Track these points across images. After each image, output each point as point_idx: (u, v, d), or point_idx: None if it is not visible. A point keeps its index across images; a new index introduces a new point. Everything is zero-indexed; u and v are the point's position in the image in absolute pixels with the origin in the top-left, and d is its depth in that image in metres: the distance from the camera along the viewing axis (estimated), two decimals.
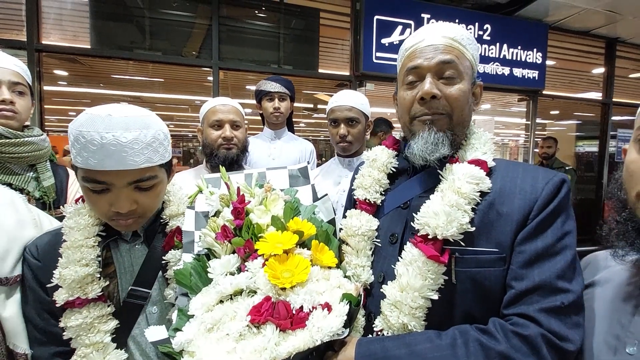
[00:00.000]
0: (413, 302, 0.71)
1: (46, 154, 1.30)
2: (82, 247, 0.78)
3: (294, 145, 2.13)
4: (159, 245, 0.86)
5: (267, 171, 0.91)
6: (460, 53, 0.78)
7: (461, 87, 0.76)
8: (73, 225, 0.80)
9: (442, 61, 0.76)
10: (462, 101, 0.77)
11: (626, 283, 0.68)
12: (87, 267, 0.76)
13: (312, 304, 0.62)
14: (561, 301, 0.63)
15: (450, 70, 0.76)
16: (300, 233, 0.71)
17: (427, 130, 0.78)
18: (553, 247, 0.67)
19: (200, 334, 0.62)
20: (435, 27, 0.80)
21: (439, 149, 0.77)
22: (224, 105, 1.50)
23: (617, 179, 0.67)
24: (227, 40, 3.66)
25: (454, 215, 0.70)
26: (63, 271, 0.75)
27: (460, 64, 0.77)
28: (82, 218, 0.81)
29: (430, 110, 0.77)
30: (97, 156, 0.68)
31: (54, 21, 3.18)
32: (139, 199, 0.75)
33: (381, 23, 3.76)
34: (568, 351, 0.61)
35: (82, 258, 0.76)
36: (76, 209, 0.84)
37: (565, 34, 4.79)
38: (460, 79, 0.77)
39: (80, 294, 0.75)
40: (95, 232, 0.81)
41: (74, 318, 0.74)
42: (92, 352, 0.75)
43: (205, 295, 0.68)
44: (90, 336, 0.75)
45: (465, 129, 0.82)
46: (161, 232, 0.88)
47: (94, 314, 0.76)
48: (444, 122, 0.78)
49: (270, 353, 0.55)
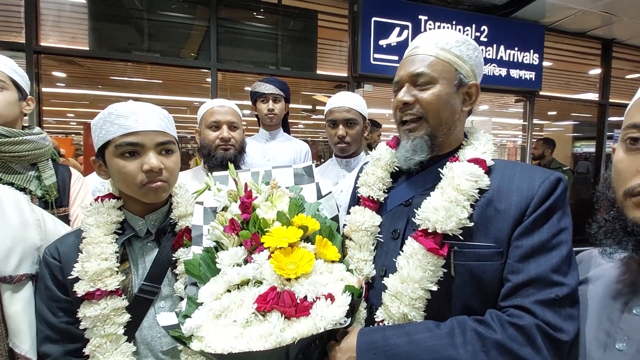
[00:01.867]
0: (413, 293, 0.73)
1: (47, 153, 1.30)
2: (102, 243, 0.83)
3: (289, 145, 2.13)
4: (169, 244, 0.92)
5: (273, 169, 0.94)
6: (438, 60, 0.81)
7: (434, 92, 0.81)
8: (93, 222, 0.86)
9: (414, 72, 0.82)
10: (437, 104, 0.81)
11: (615, 281, 0.70)
12: (107, 261, 0.82)
13: (316, 294, 0.64)
14: (556, 294, 0.65)
15: (423, 78, 0.81)
16: (305, 228, 0.73)
17: (407, 138, 0.85)
18: (549, 242, 0.69)
19: (209, 320, 0.65)
20: (430, 35, 0.85)
21: (416, 156, 0.84)
22: (222, 106, 1.51)
23: (605, 178, 0.69)
24: (226, 41, 3.68)
25: (453, 210, 0.73)
26: (85, 264, 0.80)
27: (434, 71, 0.81)
28: (102, 216, 0.87)
29: (405, 114, 0.84)
30: (130, 120, 0.82)
31: (52, 23, 3.19)
32: (164, 162, 0.86)
33: (379, 25, 3.79)
34: (562, 341, 0.63)
35: (102, 252, 0.82)
36: (95, 207, 0.88)
37: (562, 35, 4.84)
38: (434, 84, 0.81)
39: (101, 285, 0.80)
40: (113, 230, 0.87)
41: (93, 309, 0.79)
42: (106, 342, 0.80)
43: (214, 284, 0.71)
44: (106, 327, 0.80)
45: (450, 129, 0.84)
46: (171, 232, 0.94)
47: (111, 306, 0.81)
48: (422, 127, 0.83)
49: (276, 338, 0.57)
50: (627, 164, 0.61)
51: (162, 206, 0.95)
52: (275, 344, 0.57)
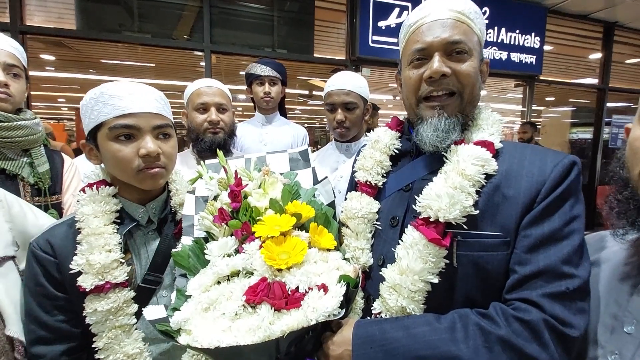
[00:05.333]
0: (412, 285, 0.70)
1: (40, 139, 1.27)
2: (104, 234, 0.79)
3: (286, 130, 2.06)
4: (170, 232, 0.90)
5: (267, 155, 0.90)
6: (468, 28, 0.74)
7: (472, 64, 0.74)
8: (90, 212, 0.80)
9: (450, 40, 0.72)
10: (474, 78, 0.74)
11: (624, 263, 0.68)
12: (112, 252, 0.79)
13: (309, 285, 0.62)
14: (566, 286, 0.61)
15: (460, 47, 0.73)
16: (299, 215, 0.70)
17: (437, 116, 0.75)
18: (560, 231, 0.64)
19: (197, 313, 0.63)
20: (451, 1, 0.76)
21: (450, 136, 0.74)
22: (209, 87, 1.44)
23: (619, 157, 0.66)
24: (219, 23, 3.57)
25: (457, 197, 0.68)
26: (90, 257, 0.76)
27: (470, 40, 0.74)
28: (99, 205, 0.82)
29: (440, 88, 0.74)
30: (125, 101, 0.78)
31: (37, 1, 3.06)
32: (161, 146, 0.82)
33: (378, 5, 3.69)
34: (571, 337, 0.59)
35: (105, 244, 0.78)
36: (90, 195, 0.83)
37: (564, 18, 4.75)
38: (469, 55, 0.74)
39: (110, 278, 0.77)
40: (112, 219, 0.83)
41: (104, 302, 0.77)
42: (120, 333, 0.79)
43: (203, 276, 0.68)
44: (120, 319, 0.79)
45: (475, 108, 0.79)
46: (172, 221, 0.92)
47: (122, 298, 0.79)
48: (455, 105, 0.75)
49: (264, 331, 0.56)
50: None
51: (159, 194, 0.92)
52: (264, 337, 0.55)
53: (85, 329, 0.79)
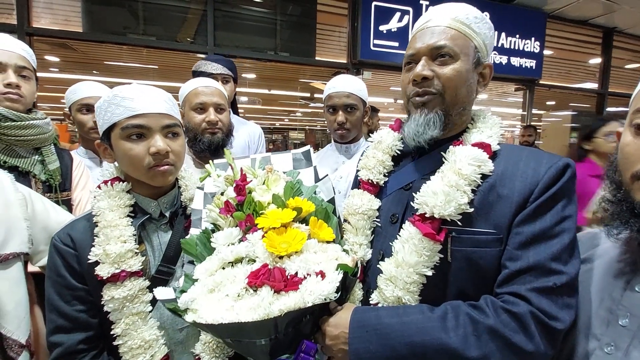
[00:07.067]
0: (408, 277, 0.73)
1: (50, 138, 1.32)
2: (119, 226, 0.84)
3: (242, 129, 1.94)
4: (181, 226, 0.95)
5: (272, 155, 0.95)
6: (458, 33, 0.78)
7: (455, 67, 0.77)
8: (106, 206, 0.85)
9: (434, 45, 0.77)
10: (456, 81, 0.77)
11: (616, 260, 0.70)
12: (127, 243, 0.83)
13: (307, 272, 0.65)
14: (553, 282, 0.64)
15: (444, 51, 0.77)
16: (299, 209, 0.73)
17: (419, 112, 0.80)
18: (551, 230, 0.67)
19: (203, 294, 0.67)
20: (443, 7, 0.81)
21: (428, 130, 0.79)
22: (207, 87, 1.41)
23: (612, 161, 0.69)
24: (223, 26, 3.61)
25: (453, 195, 0.71)
26: (106, 247, 0.81)
27: (457, 45, 0.77)
28: (114, 200, 0.87)
29: (422, 89, 0.79)
30: (136, 102, 0.82)
31: (44, 4, 3.12)
32: (170, 145, 0.87)
33: (379, 9, 3.73)
34: (556, 329, 0.63)
35: (120, 235, 0.83)
36: (105, 191, 0.88)
37: (564, 23, 4.79)
38: (455, 59, 0.77)
39: (125, 267, 0.81)
40: (126, 213, 0.87)
41: (121, 290, 0.81)
42: (137, 319, 0.83)
43: (209, 262, 0.72)
44: (136, 306, 0.83)
45: (465, 109, 0.82)
46: (183, 214, 0.97)
47: (137, 286, 0.83)
48: (436, 102, 0.79)
49: (264, 310, 0.59)
50: (634, 148, 0.61)
51: (170, 189, 0.96)
52: (263, 315, 0.59)
53: (102, 320, 0.83)
